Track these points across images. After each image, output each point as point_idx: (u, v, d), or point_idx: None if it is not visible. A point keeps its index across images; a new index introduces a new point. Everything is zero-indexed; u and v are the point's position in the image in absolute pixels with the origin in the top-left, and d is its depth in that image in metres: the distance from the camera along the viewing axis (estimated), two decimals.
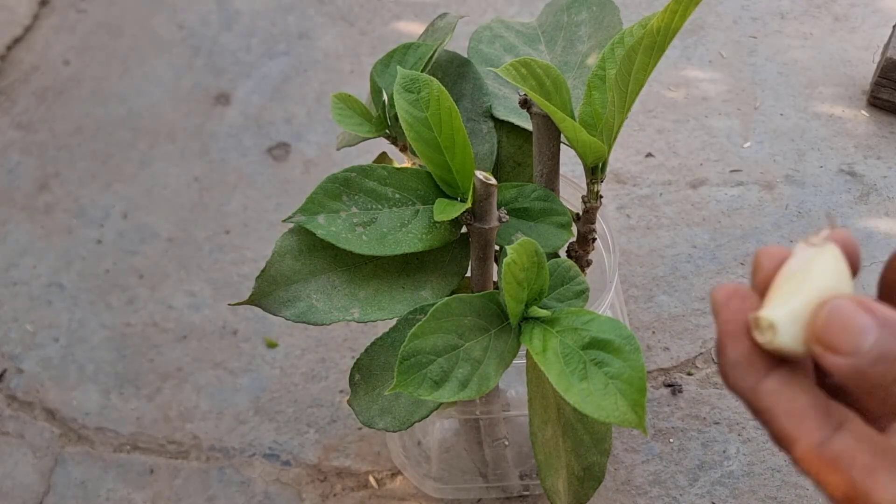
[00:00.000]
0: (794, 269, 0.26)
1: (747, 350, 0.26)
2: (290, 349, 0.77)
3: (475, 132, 0.54)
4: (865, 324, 0.23)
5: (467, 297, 0.47)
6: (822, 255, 0.26)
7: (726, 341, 0.26)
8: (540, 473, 0.52)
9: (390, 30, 1.05)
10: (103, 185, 0.91)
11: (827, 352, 0.24)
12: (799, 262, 0.26)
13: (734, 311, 0.26)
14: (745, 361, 0.26)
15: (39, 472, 0.71)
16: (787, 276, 0.26)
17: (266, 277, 0.48)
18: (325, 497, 0.69)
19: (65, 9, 1.10)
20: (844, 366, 0.23)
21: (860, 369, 0.23)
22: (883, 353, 0.23)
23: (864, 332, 0.23)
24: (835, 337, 0.24)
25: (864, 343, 0.23)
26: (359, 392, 0.49)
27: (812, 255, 0.26)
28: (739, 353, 0.26)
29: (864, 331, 0.23)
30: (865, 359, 0.23)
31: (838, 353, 0.23)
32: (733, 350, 0.26)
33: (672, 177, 0.88)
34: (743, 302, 0.26)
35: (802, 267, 0.26)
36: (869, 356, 0.23)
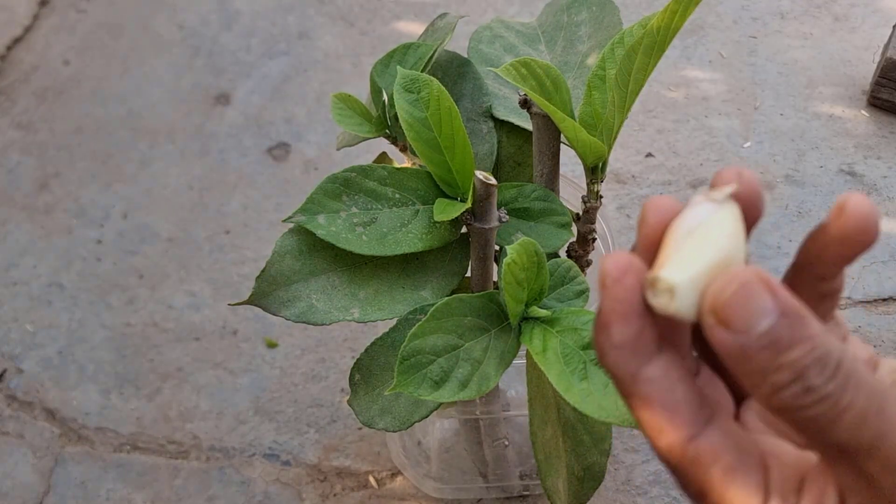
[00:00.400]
0: (691, 225, 0.24)
1: (635, 332, 0.24)
2: (290, 349, 0.77)
3: (475, 132, 0.54)
4: (765, 306, 0.22)
5: (467, 297, 0.47)
6: (721, 213, 0.24)
7: (613, 320, 0.24)
8: (540, 473, 0.52)
9: (390, 30, 1.05)
10: (103, 185, 0.91)
11: (718, 325, 0.22)
12: (695, 219, 0.24)
13: (627, 289, 0.24)
14: (630, 345, 0.24)
15: (39, 472, 0.71)
16: (684, 233, 0.24)
17: (266, 277, 0.48)
18: (325, 497, 0.69)
19: (65, 9, 1.10)
20: (732, 344, 0.22)
21: (746, 351, 0.22)
22: (773, 341, 0.22)
23: (762, 314, 0.22)
24: (731, 312, 0.22)
25: (759, 325, 0.22)
26: (359, 392, 0.49)
27: (710, 213, 0.24)
28: (627, 335, 0.24)
29: (762, 312, 0.22)
30: (754, 342, 0.22)
31: (729, 328, 0.22)
32: (620, 331, 0.24)
33: (672, 177, 0.88)
34: (639, 278, 0.24)
35: (701, 225, 0.24)
36: (759, 340, 0.22)
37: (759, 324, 0.22)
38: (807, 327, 0.22)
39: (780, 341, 0.22)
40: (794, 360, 0.22)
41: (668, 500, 0.67)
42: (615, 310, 0.24)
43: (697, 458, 0.24)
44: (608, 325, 0.24)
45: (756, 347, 0.22)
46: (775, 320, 0.22)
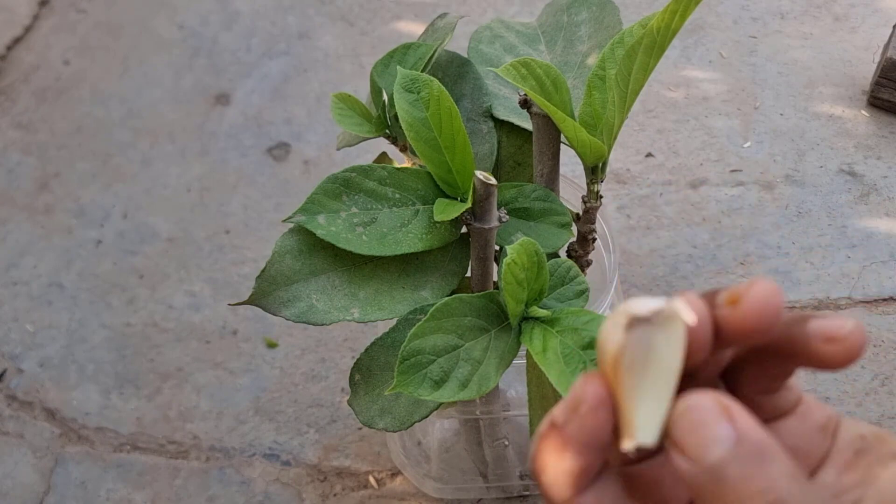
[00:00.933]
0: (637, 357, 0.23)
1: (590, 462, 0.23)
2: (290, 349, 0.77)
3: (475, 132, 0.54)
4: (720, 434, 0.21)
5: (467, 297, 0.47)
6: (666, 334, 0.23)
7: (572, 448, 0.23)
8: None
9: (390, 30, 1.05)
10: (103, 185, 0.91)
11: (675, 450, 0.22)
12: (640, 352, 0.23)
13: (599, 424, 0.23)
14: (578, 473, 0.23)
15: (39, 472, 0.71)
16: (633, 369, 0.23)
17: (266, 277, 0.48)
18: (325, 497, 0.69)
19: (65, 9, 1.10)
20: (686, 470, 0.21)
21: (698, 481, 0.21)
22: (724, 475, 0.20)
23: (716, 442, 0.21)
24: (685, 437, 0.21)
25: (711, 455, 0.21)
26: (359, 392, 0.49)
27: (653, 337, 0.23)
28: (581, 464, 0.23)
29: (715, 441, 0.21)
30: (706, 472, 0.21)
31: (684, 455, 0.21)
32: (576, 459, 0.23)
33: (672, 177, 0.88)
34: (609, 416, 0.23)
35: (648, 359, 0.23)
36: (709, 471, 0.21)
37: (712, 453, 0.21)
38: (766, 463, 0.21)
39: (731, 476, 0.21)
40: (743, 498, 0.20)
41: None
42: (579, 439, 0.23)
43: None
44: (563, 450, 0.23)
45: (708, 479, 0.21)
46: (729, 450, 0.21)
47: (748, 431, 0.21)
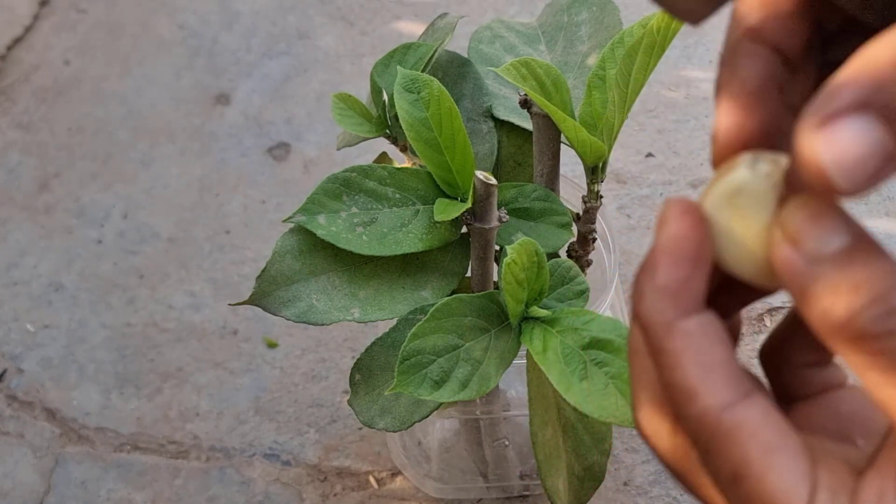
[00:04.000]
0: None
1: (682, 278, 0.22)
2: (290, 349, 0.77)
3: (475, 132, 0.54)
4: (838, 225, 0.20)
5: (467, 297, 0.47)
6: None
7: (662, 260, 0.22)
8: (540, 473, 0.52)
9: (390, 30, 1.05)
10: (103, 185, 0.91)
11: (786, 242, 0.20)
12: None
13: (687, 228, 0.22)
14: (673, 289, 0.22)
15: (39, 472, 0.71)
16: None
17: (266, 277, 0.48)
18: (326, 497, 0.69)
19: (65, 9, 1.10)
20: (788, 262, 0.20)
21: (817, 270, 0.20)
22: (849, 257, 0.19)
23: (834, 232, 0.20)
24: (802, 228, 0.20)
25: (832, 242, 0.20)
26: (359, 392, 0.49)
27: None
28: (672, 278, 0.22)
29: (834, 231, 0.20)
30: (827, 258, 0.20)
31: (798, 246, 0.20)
32: (667, 272, 0.22)
33: (672, 177, 0.88)
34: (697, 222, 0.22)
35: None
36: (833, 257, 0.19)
37: (832, 241, 0.20)
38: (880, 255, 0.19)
39: (856, 259, 0.19)
40: (873, 276, 0.19)
41: (669, 500, 0.67)
42: (668, 249, 0.22)
43: (734, 430, 0.21)
44: (655, 266, 0.22)
45: (829, 264, 0.19)
46: (848, 241, 0.20)
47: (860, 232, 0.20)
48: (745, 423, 0.21)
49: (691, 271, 0.22)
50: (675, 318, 0.22)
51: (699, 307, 0.22)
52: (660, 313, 0.22)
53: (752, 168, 0.22)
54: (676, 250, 0.22)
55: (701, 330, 0.22)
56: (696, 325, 0.22)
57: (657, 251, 0.22)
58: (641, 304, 0.22)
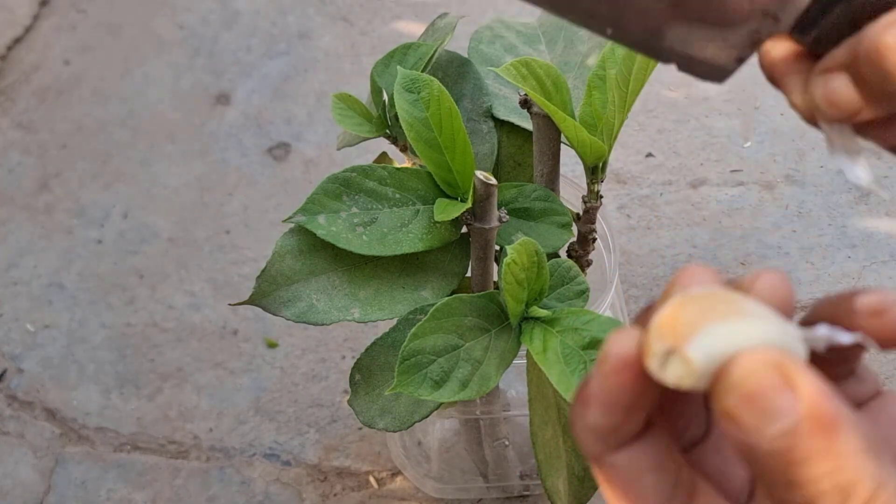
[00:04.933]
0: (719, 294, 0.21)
1: (612, 425, 0.21)
2: (290, 349, 0.77)
3: (475, 132, 0.54)
4: (780, 406, 0.18)
5: (467, 297, 0.47)
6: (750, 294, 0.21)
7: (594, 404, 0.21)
8: (540, 473, 0.52)
9: (390, 30, 1.05)
10: (104, 185, 0.91)
11: (725, 417, 0.19)
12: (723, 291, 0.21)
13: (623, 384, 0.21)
14: (602, 432, 0.22)
15: (40, 472, 0.71)
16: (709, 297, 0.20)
17: (266, 277, 0.48)
18: (326, 497, 0.69)
19: (65, 9, 1.10)
20: (739, 444, 0.19)
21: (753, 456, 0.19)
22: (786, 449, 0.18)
23: (778, 413, 0.18)
24: (738, 407, 0.18)
25: (771, 427, 0.18)
26: (359, 392, 0.49)
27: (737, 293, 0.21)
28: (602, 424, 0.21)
29: (778, 411, 0.18)
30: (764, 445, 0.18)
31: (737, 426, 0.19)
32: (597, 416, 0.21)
33: (672, 177, 0.88)
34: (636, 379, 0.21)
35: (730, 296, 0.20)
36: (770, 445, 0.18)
37: (772, 425, 0.18)
38: (836, 438, 0.18)
39: (795, 451, 0.18)
40: (807, 479, 0.18)
41: None
42: (600, 398, 0.21)
43: None
44: (586, 404, 0.22)
45: (764, 452, 0.18)
46: (793, 424, 0.18)
47: (815, 402, 0.18)
48: None
49: (623, 419, 0.21)
50: (602, 453, 0.22)
51: (629, 440, 0.22)
52: (588, 446, 0.22)
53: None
54: (610, 400, 0.21)
55: (629, 463, 0.22)
56: (625, 459, 0.22)
57: (591, 392, 0.21)
58: (574, 430, 0.22)
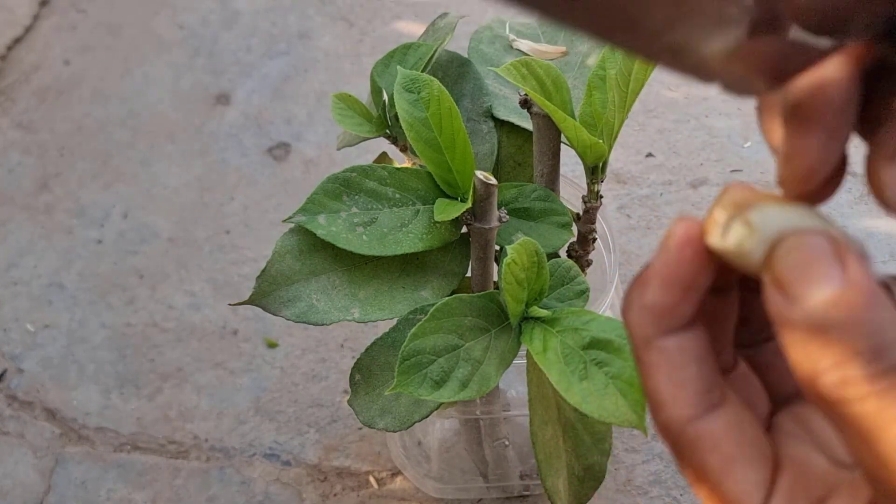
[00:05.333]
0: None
1: (669, 303, 0.22)
2: (290, 349, 0.77)
3: (475, 132, 0.54)
4: (828, 274, 0.19)
5: (467, 297, 0.47)
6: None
7: (654, 282, 0.22)
8: (540, 473, 0.52)
9: (390, 30, 1.05)
10: (104, 185, 0.91)
11: (772, 285, 0.20)
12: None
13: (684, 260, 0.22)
14: (657, 311, 0.22)
15: (40, 472, 0.71)
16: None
17: (266, 277, 0.48)
18: (326, 497, 0.69)
19: (65, 9, 1.10)
20: (780, 312, 0.20)
21: (793, 324, 0.19)
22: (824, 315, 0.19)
23: (821, 281, 0.19)
24: (788, 271, 0.19)
25: (813, 295, 0.19)
26: (359, 392, 0.49)
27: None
28: (659, 301, 0.22)
29: (821, 280, 0.19)
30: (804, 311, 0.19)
31: (783, 292, 0.19)
32: (655, 294, 0.22)
33: (672, 177, 0.88)
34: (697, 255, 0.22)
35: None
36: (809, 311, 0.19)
37: (814, 293, 0.19)
38: (871, 308, 0.19)
39: (832, 316, 0.19)
40: (843, 340, 0.19)
41: (669, 500, 0.67)
42: (661, 273, 0.22)
43: (696, 440, 0.23)
44: (646, 284, 0.23)
45: (803, 318, 0.19)
46: (834, 293, 0.19)
47: (859, 278, 0.19)
48: (706, 436, 0.23)
49: (680, 298, 0.23)
50: (654, 335, 0.23)
51: (682, 326, 0.23)
52: (641, 327, 0.23)
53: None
54: (671, 275, 0.22)
55: (677, 348, 0.23)
56: (674, 343, 0.23)
57: (653, 269, 0.23)
58: (627, 314, 0.23)
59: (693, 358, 0.23)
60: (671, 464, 0.68)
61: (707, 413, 0.23)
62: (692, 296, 0.23)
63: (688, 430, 0.23)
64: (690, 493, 0.67)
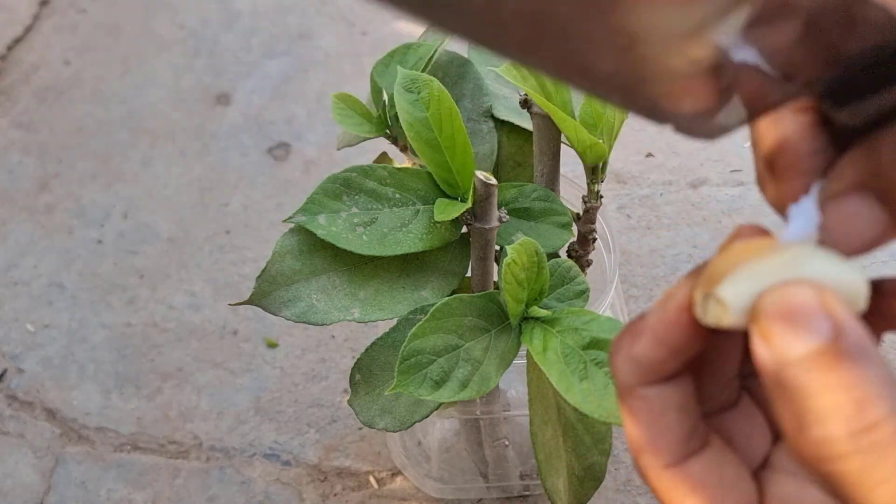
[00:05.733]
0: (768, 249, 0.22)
1: (658, 359, 0.23)
2: (290, 349, 0.77)
3: (475, 132, 0.54)
4: (815, 325, 0.19)
5: (467, 297, 0.47)
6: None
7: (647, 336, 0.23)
8: (540, 473, 0.52)
9: (390, 30, 1.05)
10: (104, 185, 0.91)
11: (759, 337, 0.19)
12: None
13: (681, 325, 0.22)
14: (644, 364, 0.23)
15: (40, 472, 0.71)
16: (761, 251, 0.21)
17: (266, 277, 0.48)
18: (326, 497, 0.69)
19: (65, 9, 1.10)
20: (765, 362, 0.19)
21: (778, 376, 0.19)
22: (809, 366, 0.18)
23: (809, 332, 0.19)
24: (774, 322, 0.19)
25: (798, 345, 0.19)
26: (359, 392, 0.49)
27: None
28: (647, 355, 0.23)
29: (809, 331, 0.19)
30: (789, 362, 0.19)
31: (769, 343, 0.19)
32: (645, 348, 0.23)
33: (672, 177, 0.88)
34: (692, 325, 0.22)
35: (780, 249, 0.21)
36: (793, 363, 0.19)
37: (799, 344, 0.19)
38: (861, 364, 0.18)
39: (817, 368, 0.18)
40: (823, 394, 0.18)
41: None
42: (655, 331, 0.23)
43: (674, 485, 0.23)
44: (638, 336, 0.23)
45: (789, 370, 0.19)
46: (823, 343, 0.18)
47: (848, 328, 0.19)
48: (684, 481, 0.23)
49: (668, 357, 0.23)
50: (636, 384, 0.23)
51: (663, 380, 0.23)
52: (625, 375, 0.23)
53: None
54: (664, 336, 0.23)
55: (658, 397, 0.23)
56: (655, 392, 0.23)
57: (646, 325, 0.23)
58: (614, 358, 0.24)
59: (674, 406, 0.23)
60: None
61: (686, 459, 0.23)
62: (681, 357, 0.23)
63: (665, 474, 0.23)
64: None
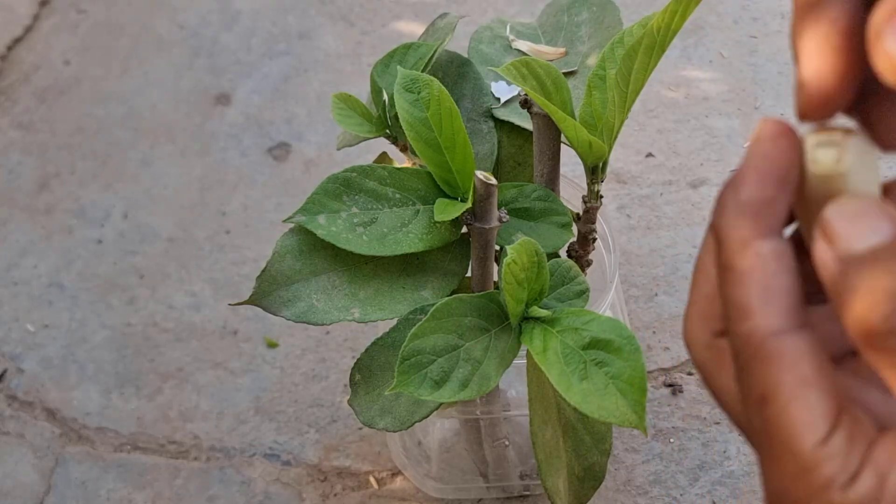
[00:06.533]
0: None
1: (767, 198, 0.22)
2: (290, 349, 0.77)
3: (475, 132, 0.54)
4: (876, 225, 0.20)
5: (467, 297, 0.47)
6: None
7: (750, 178, 0.22)
8: (540, 473, 0.52)
9: (390, 30, 1.05)
10: (104, 185, 0.91)
11: (821, 238, 0.20)
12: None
13: (779, 150, 0.22)
14: (756, 208, 0.22)
15: (40, 472, 0.71)
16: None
17: (266, 277, 0.48)
18: (326, 497, 0.69)
19: (65, 9, 1.10)
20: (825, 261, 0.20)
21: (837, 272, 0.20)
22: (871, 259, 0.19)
23: (866, 234, 0.20)
24: (836, 222, 0.20)
25: (858, 244, 0.20)
26: (359, 392, 0.49)
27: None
28: (757, 196, 0.22)
29: (866, 232, 0.20)
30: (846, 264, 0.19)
31: (830, 242, 0.20)
32: (752, 190, 0.22)
33: (672, 177, 0.88)
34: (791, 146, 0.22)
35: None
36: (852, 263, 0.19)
37: (858, 242, 0.20)
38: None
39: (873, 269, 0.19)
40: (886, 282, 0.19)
41: (669, 500, 0.67)
42: (757, 167, 0.22)
43: (775, 355, 0.21)
44: (741, 182, 0.22)
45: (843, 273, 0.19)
46: (881, 243, 0.19)
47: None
48: (788, 352, 0.21)
49: (776, 193, 0.22)
50: (751, 236, 0.22)
51: (777, 232, 0.22)
52: (738, 229, 0.22)
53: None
54: (766, 169, 0.22)
55: (773, 254, 0.22)
56: (770, 249, 0.22)
57: (746, 167, 0.22)
58: (721, 218, 0.22)
59: (787, 268, 0.22)
60: (671, 464, 0.68)
61: (794, 330, 0.22)
62: (787, 191, 0.22)
63: (770, 342, 0.21)
64: (690, 494, 0.67)
